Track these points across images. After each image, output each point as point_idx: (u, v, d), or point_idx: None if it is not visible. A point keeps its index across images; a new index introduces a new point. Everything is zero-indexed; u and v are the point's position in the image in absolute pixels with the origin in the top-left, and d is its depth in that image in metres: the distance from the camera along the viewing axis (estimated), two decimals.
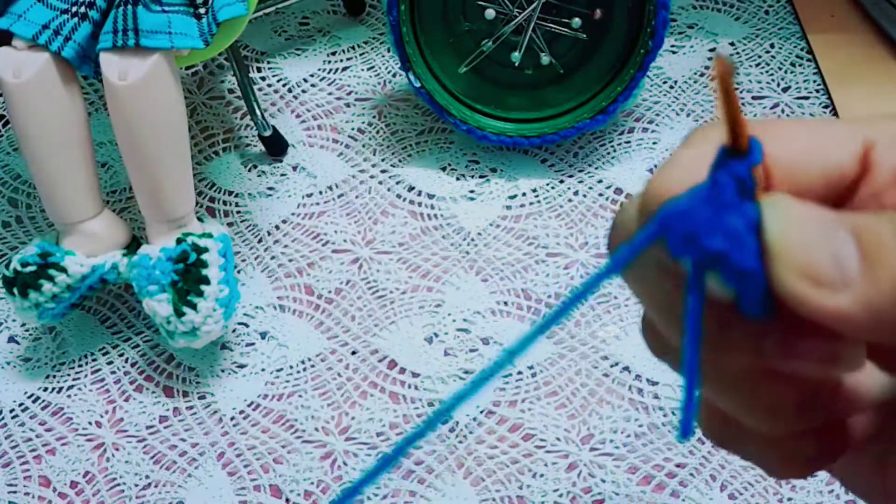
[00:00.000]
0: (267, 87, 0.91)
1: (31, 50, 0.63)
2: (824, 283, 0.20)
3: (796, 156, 0.24)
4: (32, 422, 0.68)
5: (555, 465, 0.63)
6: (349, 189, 0.81)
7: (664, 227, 0.20)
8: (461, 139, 0.84)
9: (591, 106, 0.78)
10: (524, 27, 0.77)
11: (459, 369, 0.68)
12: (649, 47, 0.74)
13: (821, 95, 0.86)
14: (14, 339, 0.74)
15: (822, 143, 0.24)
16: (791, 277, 0.20)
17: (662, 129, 0.84)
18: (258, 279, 0.75)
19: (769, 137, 0.24)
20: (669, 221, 0.20)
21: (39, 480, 0.65)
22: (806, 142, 0.24)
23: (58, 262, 0.64)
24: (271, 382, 0.69)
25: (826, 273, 0.20)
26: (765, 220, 0.20)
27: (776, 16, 0.94)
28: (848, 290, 0.20)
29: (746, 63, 0.90)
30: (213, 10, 0.64)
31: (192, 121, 0.88)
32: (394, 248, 0.76)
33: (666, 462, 0.63)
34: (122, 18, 0.61)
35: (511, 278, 0.74)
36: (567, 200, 0.79)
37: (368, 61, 0.93)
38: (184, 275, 0.62)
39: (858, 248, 0.20)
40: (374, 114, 0.88)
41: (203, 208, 0.81)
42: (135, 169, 0.64)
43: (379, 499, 0.62)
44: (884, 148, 0.23)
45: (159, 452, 0.66)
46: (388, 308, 0.72)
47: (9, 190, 0.85)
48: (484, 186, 0.81)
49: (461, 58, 0.80)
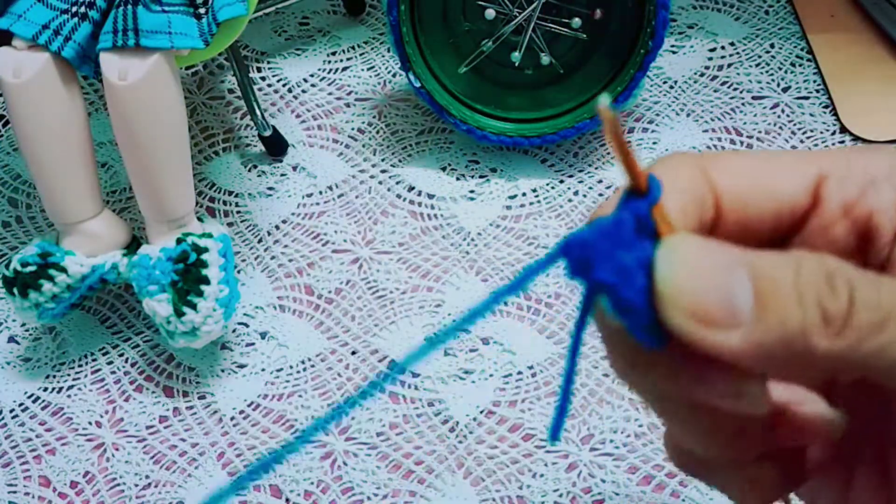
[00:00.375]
0: (267, 87, 0.91)
1: (31, 50, 0.63)
2: (713, 323, 0.20)
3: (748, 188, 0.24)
4: (32, 422, 0.68)
5: (555, 465, 0.63)
6: (349, 189, 0.81)
7: (565, 250, 0.21)
8: (461, 139, 0.84)
9: (591, 106, 0.78)
10: (524, 27, 0.77)
11: (459, 369, 0.68)
12: (649, 47, 0.74)
13: (821, 95, 0.86)
14: (14, 339, 0.74)
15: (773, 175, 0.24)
16: (678, 317, 0.21)
17: (662, 129, 0.84)
18: (258, 279, 0.75)
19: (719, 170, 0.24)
20: (570, 247, 0.21)
21: (39, 480, 0.65)
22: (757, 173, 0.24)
23: (58, 262, 0.64)
24: (271, 382, 0.69)
25: (715, 314, 0.20)
26: (657, 262, 0.21)
27: (776, 16, 0.94)
28: (738, 330, 0.20)
29: (746, 63, 0.90)
30: (213, 10, 0.64)
31: (192, 121, 0.88)
32: (394, 248, 0.77)
33: (666, 462, 0.63)
34: (122, 18, 0.61)
35: (511, 278, 0.74)
36: (567, 200, 0.79)
37: (368, 61, 0.93)
38: (184, 275, 0.62)
39: (753, 288, 0.20)
40: (374, 114, 0.88)
41: (203, 208, 0.81)
42: (135, 169, 0.64)
43: (379, 499, 0.62)
44: (835, 182, 0.24)
45: (159, 452, 0.66)
46: (388, 308, 0.72)
47: (9, 190, 0.85)
48: (484, 186, 0.81)
49: (461, 58, 0.80)
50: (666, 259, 0.21)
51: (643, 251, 0.21)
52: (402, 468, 0.64)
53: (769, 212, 0.24)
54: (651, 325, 0.21)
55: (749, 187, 0.24)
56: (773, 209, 0.24)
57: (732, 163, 0.25)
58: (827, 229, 0.24)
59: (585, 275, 0.21)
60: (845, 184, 0.23)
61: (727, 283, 0.20)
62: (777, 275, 0.20)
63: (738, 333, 0.20)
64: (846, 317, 0.20)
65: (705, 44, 0.92)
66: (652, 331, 0.21)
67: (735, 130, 0.84)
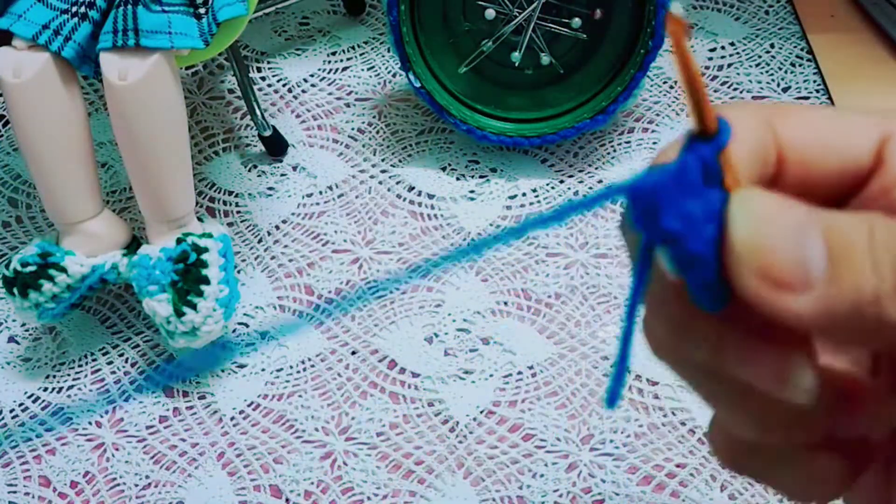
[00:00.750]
0: (267, 87, 0.91)
1: (31, 50, 0.63)
2: (786, 285, 0.19)
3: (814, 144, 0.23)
4: (32, 422, 0.68)
5: (555, 465, 0.63)
6: (349, 189, 0.81)
7: (630, 198, 0.20)
8: (461, 139, 0.84)
9: (591, 106, 0.78)
10: (524, 27, 0.77)
11: (459, 369, 0.68)
12: (649, 47, 0.74)
13: (821, 95, 0.86)
14: (14, 339, 0.74)
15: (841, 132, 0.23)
16: (752, 278, 0.20)
17: (662, 129, 0.84)
18: (258, 279, 0.75)
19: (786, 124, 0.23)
20: (634, 194, 0.20)
21: (39, 480, 0.65)
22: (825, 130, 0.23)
23: (58, 262, 0.64)
24: (271, 382, 0.69)
25: (789, 276, 0.19)
26: (731, 217, 0.20)
27: (776, 16, 0.94)
28: (809, 293, 0.19)
29: (746, 63, 0.90)
30: (213, 10, 0.64)
31: (192, 121, 0.88)
32: (394, 248, 0.77)
33: (666, 462, 0.63)
34: (122, 18, 0.61)
35: (511, 278, 0.74)
36: (567, 200, 0.79)
37: (368, 61, 0.93)
38: (184, 275, 0.62)
39: (827, 250, 0.19)
40: (374, 114, 0.88)
41: (203, 208, 0.81)
42: (135, 169, 0.64)
43: (379, 499, 0.62)
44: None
45: (159, 452, 0.66)
46: (388, 308, 0.72)
47: (9, 190, 0.85)
48: (484, 186, 0.81)
49: (461, 58, 0.80)
50: (740, 213, 0.20)
51: (710, 200, 0.20)
52: (402, 468, 0.64)
53: (833, 170, 0.23)
54: (714, 282, 0.20)
55: (815, 145, 0.23)
56: (837, 168, 0.23)
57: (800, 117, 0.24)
58: (888, 192, 0.23)
59: (651, 224, 0.19)
60: None
61: (802, 244, 0.19)
62: (851, 236, 0.19)
63: (810, 297, 0.19)
64: None
65: (705, 44, 0.92)
66: (713, 289, 0.20)
67: None
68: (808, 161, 0.23)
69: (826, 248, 0.19)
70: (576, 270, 0.74)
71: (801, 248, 0.19)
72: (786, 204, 0.20)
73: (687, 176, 0.20)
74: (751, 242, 0.20)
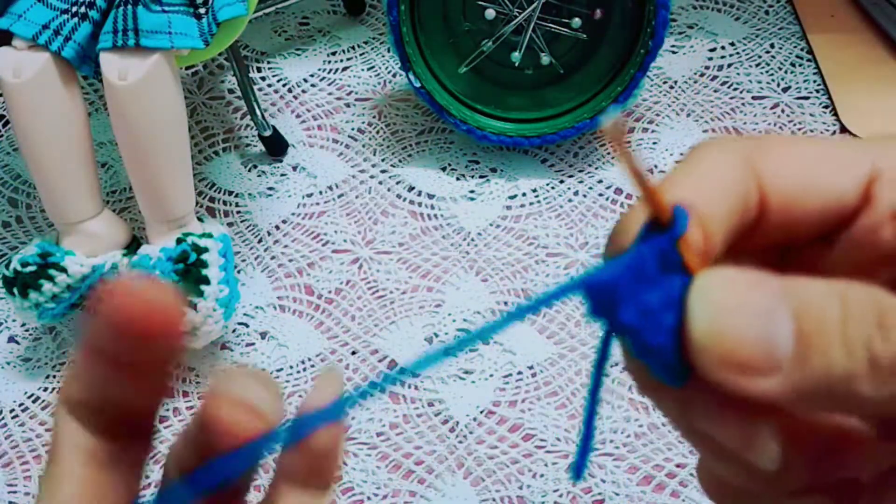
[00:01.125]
0: (267, 87, 0.91)
1: (32, 50, 0.62)
2: (750, 370, 0.19)
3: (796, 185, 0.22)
4: (32, 422, 0.68)
5: (555, 465, 0.63)
6: (349, 189, 0.81)
7: (587, 291, 0.20)
8: (461, 139, 0.84)
9: (591, 106, 0.78)
10: (524, 27, 0.77)
11: (459, 369, 0.68)
12: (649, 47, 0.74)
13: (821, 95, 0.86)
14: (14, 339, 0.74)
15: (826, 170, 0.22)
16: (713, 365, 0.19)
17: (662, 129, 0.84)
18: (258, 279, 0.75)
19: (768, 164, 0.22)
20: (591, 287, 0.20)
21: (39, 480, 0.65)
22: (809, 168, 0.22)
23: (58, 262, 0.64)
24: None
25: (753, 361, 0.19)
26: (690, 308, 0.19)
27: (776, 16, 0.94)
28: (775, 375, 0.19)
29: (746, 63, 0.90)
30: (213, 10, 0.64)
31: (192, 121, 0.88)
32: (394, 248, 0.76)
33: (666, 462, 0.63)
34: (122, 18, 0.61)
35: (511, 278, 0.74)
36: (567, 200, 0.79)
37: (368, 61, 0.93)
38: (184, 275, 0.62)
39: (795, 330, 0.19)
40: (374, 114, 0.88)
41: (203, 208, 0.81)
42: (135, 169, 0.64)
43: (379, 499, 0.62)
44: (887, 182, 0.22)
45: (159, 452, 0.66)
46: (388, 308, 0.72)
47: (9, 190, 0.85)
48: (484, 186, 0.81)
49: (461, 58, 0.80)
50: (698, 303, 0.19)
51: (669, 289, 0.19)
52: (402, 468, 0.64)
53: (817, 210, 0.22)
54: (675, 364, 0.20)
55: (798, 185, 0.22)
56: (821, 208, 0.22)
57: (783, 153, 0.23)
58: (875, 230, 0.22)
59: (609, 316, 0.19)
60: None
61: (767, 327, 0.19)
62: (822, 312, 0.19)
63: (776, 379, 0.18)
64: None
65: (705, 44, 0.92)
66: (675, 370, 0.20)
67: (735, 130, 0.84)
68: (790, 202, 0.22)
69: (795, 327, 0.19)
70: (576, 270, 0.74)
71: (766, 331, 0.19)
72: (750, 284, 0.19)
73: (643, 268, 0.20)
74: (710, 332, 0.19)
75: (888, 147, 0.23)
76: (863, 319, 0.18)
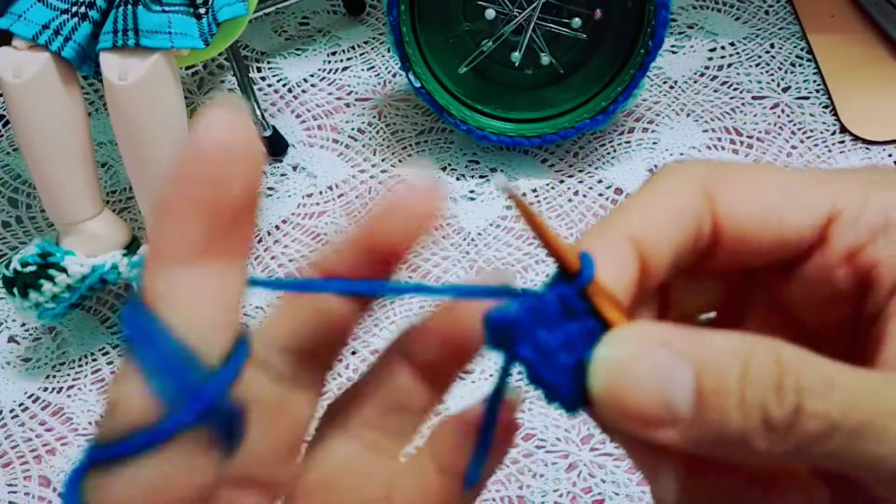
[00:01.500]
0: (267, 87, 0.91)
1: (32, 50, 0.63)
2: (648, 423, 0.20)
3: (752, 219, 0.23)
4: (32, 422, 0.68)
5: (555, 465, 0.63)
6: (349, 189, 0.81)
7: (487, 322, 0.21)
8: (461, 139, 0.84)
9: (591, 106, 0.78)
10: (524, 27, 0.77)
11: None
12: (649, 47, 0.74)
13: (821, 95, 0.86)
14: (14, 339, 0.74)
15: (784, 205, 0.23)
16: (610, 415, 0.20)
17: (662, 129, 0.84)
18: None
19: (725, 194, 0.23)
20: (492, 320, 0.21)
21: (39, 480, 0.65)
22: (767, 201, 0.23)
23: (58, 262, 0.64)
24: None
25: (650, 416, 0.19)
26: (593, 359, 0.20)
27: (776, 16, 0.94)
28: (673, 428, 0.19)
29: (746, 63, 0.90)
30: (213, 10, 0.64)
31: (192, 121, 0.88)
32: None
33: None
34: (122, 18, 0.61)
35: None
36: (567, 200, 0.79)
37: (368, 61, 0.93)
38: None
39: (694, 388, 0.19)
40: (374, 114, 0.88)
41: None
42: (135, 169, 0.64)
43: None
44: (845, 224, 0.22)
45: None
46: (388, 308, 0.72)
47: (9, 190, 0.85)
48: (484, 186, 0.81)
49: (461, 58, 0.80)
50: (601, 356, 0.20)
51: (568, 333, 0.21)
52: None
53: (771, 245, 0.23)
54: (571, 398, 0.21)
55: (753, 219, 0.23)
56: (775, 243, 0.23)
57: (742, 183, 0.23)
58: (829, 270, 0.23)
59: (508, 348, 0.21)
60: (855, 227, 0.22)
61: (665, 386, 0.19)
62: (722, 371, 0.19)
63: (675, 430, 0.19)
64: (789, 425, 0.19)
65: (705, 44, 0.92)
66: (571, 402, 0.21)
67: (735, 130, 0.84)
68: (744, 233, 0.23)
69: (694, 385, 0.19)
70: None
71: (664, 389, 0.19)
72: (659, 341, 0.20)
73: (545, 311, 0.21)
74: (609, 386, 0.20)
75: (848, 184, 0.23)
76: (760, 381, 0.19)
